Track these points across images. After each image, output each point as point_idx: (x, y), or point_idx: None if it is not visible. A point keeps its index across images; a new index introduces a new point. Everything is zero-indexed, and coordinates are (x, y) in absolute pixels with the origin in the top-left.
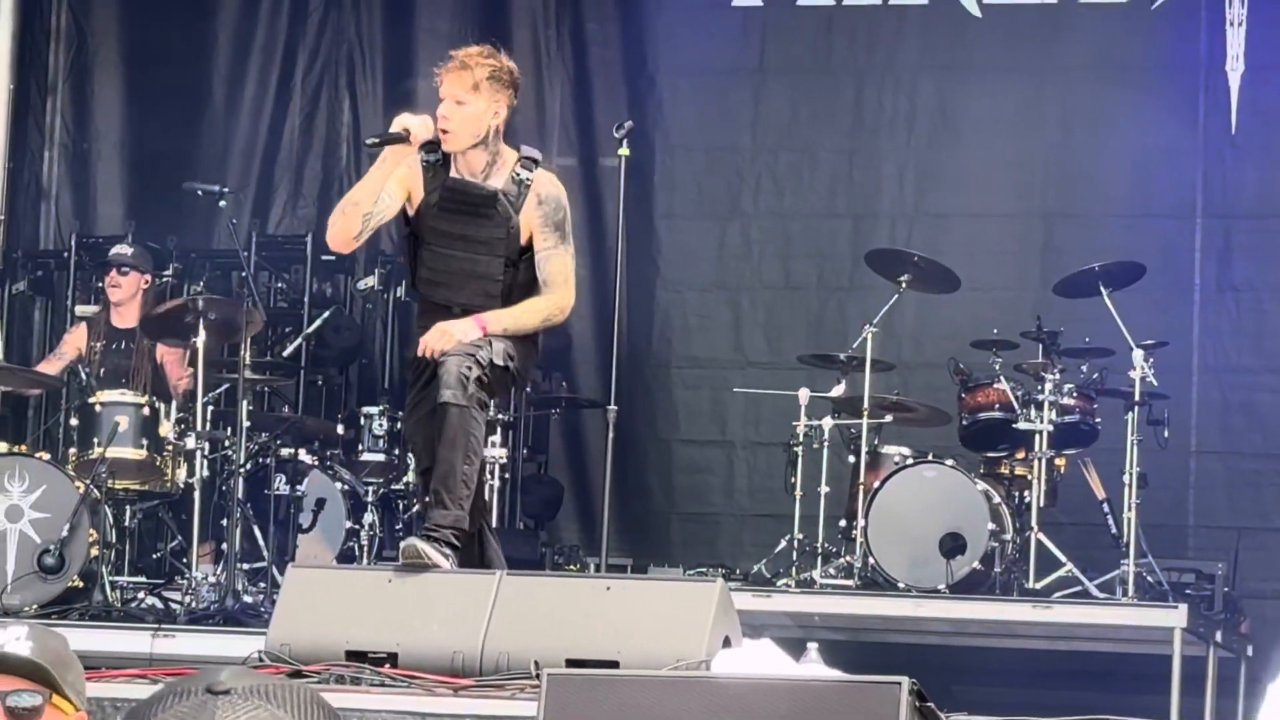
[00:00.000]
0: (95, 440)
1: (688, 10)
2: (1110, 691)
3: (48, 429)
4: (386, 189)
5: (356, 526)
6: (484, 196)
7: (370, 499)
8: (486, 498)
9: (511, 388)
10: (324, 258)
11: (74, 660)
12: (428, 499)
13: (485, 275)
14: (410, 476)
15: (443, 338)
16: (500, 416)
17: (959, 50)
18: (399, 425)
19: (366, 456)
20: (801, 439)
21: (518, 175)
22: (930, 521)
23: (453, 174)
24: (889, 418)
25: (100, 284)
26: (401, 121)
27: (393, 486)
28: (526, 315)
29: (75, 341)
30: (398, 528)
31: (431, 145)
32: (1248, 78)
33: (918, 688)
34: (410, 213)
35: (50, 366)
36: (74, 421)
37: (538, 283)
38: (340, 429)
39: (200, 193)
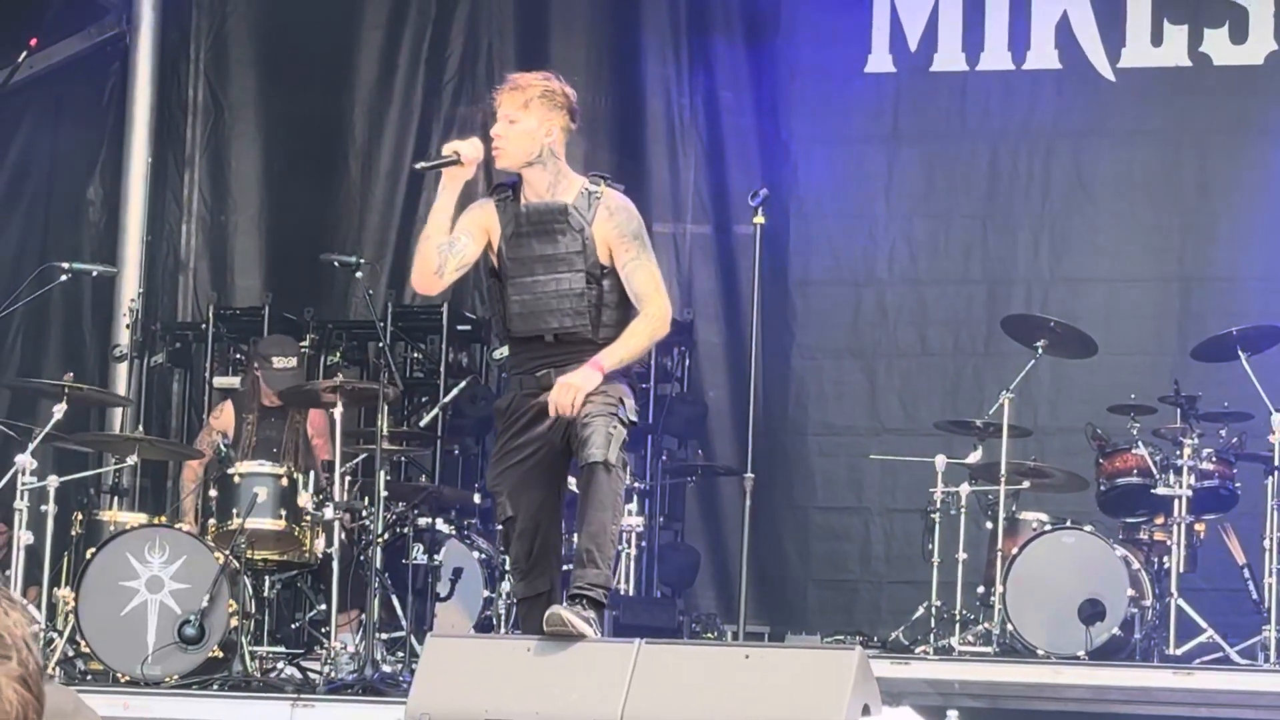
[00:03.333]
0: (234, 511)
1: (821, 77)
2: None
3: None
4: (467, 232)
5: (494, 595)
6: (554, 211)
7: (507, 567)
8: (623, 565)
9: None
10: (459, 328)
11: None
12: (574, 559)
13: (569, 293)
14: None
15: (570, 392)
16: (637, 485)
17: (1093, 114)
18: None
19: None
20: (939, 506)
21: (586, 189)
22: (1069, 588)
23: (522, 203)
24: (1026, 484)
25: (242, 359)
26: (450, 146)
27: None
28: (634, 341)
29: (223, 425)
30: None
31: (500, 186)
32: None
33: None
34: (493, 258)
35: (200, 446)
36: (213, 493)
37: (628, 300)
38: (477, 498)
39: (337, 264)
